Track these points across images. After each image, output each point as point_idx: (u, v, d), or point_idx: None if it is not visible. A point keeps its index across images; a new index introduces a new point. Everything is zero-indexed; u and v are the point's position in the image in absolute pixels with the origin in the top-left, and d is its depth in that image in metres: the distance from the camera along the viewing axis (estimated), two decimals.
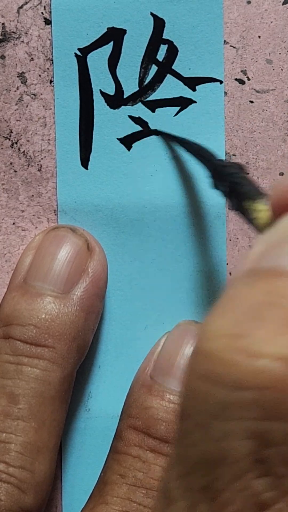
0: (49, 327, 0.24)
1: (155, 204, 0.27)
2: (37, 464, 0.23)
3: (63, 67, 0.27)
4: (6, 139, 0.27)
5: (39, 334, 0.24)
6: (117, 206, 0.27)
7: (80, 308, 0.24)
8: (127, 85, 0.27)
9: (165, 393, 0.24)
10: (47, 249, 0.25)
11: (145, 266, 0.27)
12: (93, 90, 0.27)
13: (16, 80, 0.27)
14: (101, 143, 0.27)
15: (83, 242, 0.25)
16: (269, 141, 0.27)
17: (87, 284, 0.25)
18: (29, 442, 0.23)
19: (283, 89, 0.27)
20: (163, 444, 0.24)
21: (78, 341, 0.24)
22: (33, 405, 0.23)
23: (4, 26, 0.27)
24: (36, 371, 0.23)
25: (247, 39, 0.27)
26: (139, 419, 0.24)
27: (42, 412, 0.23)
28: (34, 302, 0.24)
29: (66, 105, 0.27)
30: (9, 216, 0.27)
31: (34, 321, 0.24)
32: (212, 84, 0.27)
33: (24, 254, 0.25)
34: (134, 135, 0.27)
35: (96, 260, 0.25)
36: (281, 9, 0.27)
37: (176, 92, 0.27)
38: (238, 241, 0.27)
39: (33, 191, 0.27)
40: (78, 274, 0.25)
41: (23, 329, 0.24)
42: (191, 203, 0.27)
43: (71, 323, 0.24)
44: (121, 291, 0.27)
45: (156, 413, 0.24)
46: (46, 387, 0.23)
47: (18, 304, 0.24)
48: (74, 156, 0.27)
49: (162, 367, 0.25)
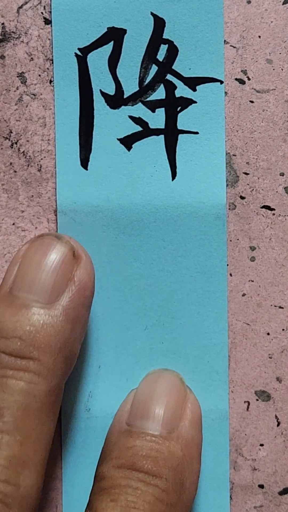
0: (34, 339, 0.23)
1: (155, 204, 0.27)
2: (22, 478, 0.22)
3: (63, 67, 0.27)
4: (6, 139, 0.27)
5: (24, 347, 0.23)
6: (117, 207, 0.27)
7: (66, 318, 0.24)
8: (127, 85, 0.27)
9: (146, 434, 0.24)
10: (32, 258, 0.24)
11: (145, 267, 0.27)
12: (93, 90, 0.27)
13: (16, 80, 0.27)
14: (101, 143, 0.27)
15: (68, 250, 0.25)
16: (270, 141, 0.27)
17: (73, 293, 0.24)
18: (14, 456, 0.22)
19: (283, 89, 0.27)
20: (150, 477, 0.23)
21: (65, 352, 0.24)
22: (18, 418, 0.23)
23: (4, 26, 0.27)
24: (21, 384, 0.23)
25: (247, 39, 0.27)
26: (122, 458, 0.24)
27: (27, 425, 0.23)
28: (19, 313, 0.24)
29: (66, 105, 0.27)
30: (9, 216, 0.27)
31: (19, 333, 0.23)
32: (213, 84, 0.27)
33: (11, 263, 0.25)
34: (134, 135, 0.27)
35: (83, 268, 0.25)
36: (281, 9, 0.27)
37: (177, 92, 0.27)
38: (239, 242, 0.27)
39: (33, 192, 0.27)
40: (63, 283, 0.24)
41: (8, 342, 0.23)
42: (191, 203, 0.27)
43: (57, 334, 0.24)
44: (121, 292, 0.27)
45: (140, 450, 0.24)
46: (32, 400, 0.23)
47: (3, 316, 0.24)
48: (74, 157, 0.27)
49: (138, 413, 0.25)
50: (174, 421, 0.24)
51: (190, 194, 0.27)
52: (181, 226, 0.27)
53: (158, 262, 0.27)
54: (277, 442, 0.27)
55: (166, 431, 0.24)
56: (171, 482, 0.23)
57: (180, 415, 0.25)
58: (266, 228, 0.27)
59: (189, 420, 0.25)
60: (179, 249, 0.27)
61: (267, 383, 0.27)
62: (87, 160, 0.27)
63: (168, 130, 0.27)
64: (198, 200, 0.27)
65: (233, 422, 0.27)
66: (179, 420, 0.25)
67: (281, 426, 0.27)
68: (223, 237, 0.27)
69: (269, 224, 0.27)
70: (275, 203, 0.27)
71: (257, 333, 0.27)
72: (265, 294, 0.27)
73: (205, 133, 0.27)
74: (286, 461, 0.27)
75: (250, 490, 0.27)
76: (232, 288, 0.27)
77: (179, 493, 0.24)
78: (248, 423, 0.27)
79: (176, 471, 0.24)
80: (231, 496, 0.27)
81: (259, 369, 0.27)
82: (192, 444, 0.24)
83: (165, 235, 0.27)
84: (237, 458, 0.27)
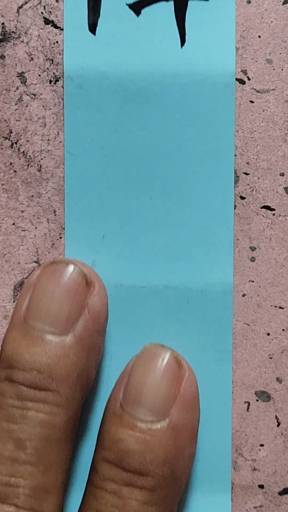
0: (51, 371, 0.24)
1: (163, 72, 0.26)
2: (45, 505, 0.23)
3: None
4: (6, 139, 0.27)
5: (42, 379, 0.24)
6: (125, 74, 0.26)
7: (81, 347, 0.24)
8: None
9: (136, 423, 0.24)
10: (46, 287, 0.25)
11: (151, 136, 0.26)
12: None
13: (16, 80, 0.27)
14: (110, 8, 0.26)
15: (81, 278, 0.25)
16: (270, 141, 0.27)
17: (87, 321, 0.25)
18: (37, 485, 0.23)
19: (283, 89, 0.27)
20: (137, 477, 0.24)
21: (81, 380, 0.24)
22: (39, 449, 0.23)
23: (4, 26, 0.27)
24: (41, 416, 0.24)
25: (247, 39, 0.27)
26: (111, 452, 0.24)
27: (48, 454, 0.24)
28: (35, 344, 0.24)
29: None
30: (9, 216, 0.27)
31: (37, 365, 0.24)
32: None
33: (24, 289, 0.25)
34: (143, 0, 0.26)
35: (96, 296, 0.25)
36: (281, 9, 0.27)
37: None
38: (239, 242, 0.27)
39: (33, 191, 0.27)
40: (77, 312, 0.24)
41: (26, 374, 0.24)
42: (200, 71, 0.26)
43: (73, 364, 0.24)
44: (126, 161, 0.26)
45: (127, 445, 0.24)
46: (52, 431, 0.24)
47: (20, 347, 0.24)
48: (82, 21, 0.26)
49: (131, 395, 0.25)
50: (165, 405, 0.25)
51: (199, 61, 0.26)
52: (189, 94, 0.26)
53: (165, 132, 0.26)
54: (277, 442, 0.27)
55: (156, 417, 0.24)
56: (159, 477, 0.24)
57: (173, 398, 0.25)
58: (266, 228, 0.27)
59: (181, 404, 0.25)
60: (187, 118, 0.26)
61: (267, 384, 0.27)
62: (95, 25, 0.26)
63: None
64: (207, 68, 0.26)
65: (233, 422, 0.27)
66: (171, 404, 0.25)
67: (281, 427, 0.27)
68: (232, 106, 0.27)
69: (269, 224, 0.27)
70: (275, 203, 0.27)
71: (257, 334, 0.27)
72: (265, 295, 0.27)
73: (215, 0, 0.26)
74: (286, 461, 0.27)
75: (250, 490, 0.27)
76: (232, 288, 0.27)
77: (169, 484, 0.24)
78: (248, 424, 0.27)
79: (165, 462, 0.24)
80: (231, 496, 0.27)
81: (259, 369, 0.27)
82: (184, 429, 0.25)
83: (173, 103, 0.26)
84: (237, 458, 0.27)
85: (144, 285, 0.27)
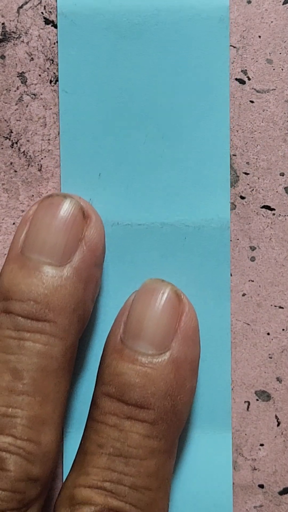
0: (48, 301, 0.24)
1: (157, 6, 0.26)
2: (42, 436, 0.23)
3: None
4: (6, 139, 0.27)
5: (39, 309, 0.24)
6: (118, 9, 0.26)
7: (78, 279, 0.24)
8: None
9: (136, 357, 0.24)
10: (42, 219, 0.25)
11: (145, 73, 0.26)
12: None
13: (16, 80, 0.27)
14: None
15: (78, 210, 0.25)
16: (270, 141, 0.27)
17: (84, 253, 0.25)
18: (35, 416, 0.23)
19: (283, 89, 0.27)
20: (138, 410, 0.24)
21: (79, 312, 0.24)
22: (36, 380, 0.23)
23: (4, 26, 0.27)
24: (38, 346, 0.24)
25: (247, 39, 0.27)
26: (112, 386, 0.24)
27: (45, 385, 0.24)
28: (32, 276, 0.24)
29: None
30: (9, 216, 0.27)
31: (33, 296, 0.24)
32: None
33: (21, 223, 0.25)
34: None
35: (93, 228, 0.25)
36: (281, 9, 0.27)
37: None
38: (239, 242, 0.27)
39: (33, 191, 0.27)
40: (74, 244, 0.25)
41: (23, 305, 0.24)
42: (194, 5, 0.26)
43: (70, 295, 0.24)
44: (120, 100, 0.26)
45: (128, 379, 0.24)
46: (49, 361, 0.24)
47: (16, 278, 0.24)
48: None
49: (132, 330, 0.25)
50: (166, 339, 0.25)
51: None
52: (183, 30, 0.26)
53: (160, 68, 0.26)
54: (277, 442, 0.27)
55: (157, 350, 0.24)
56: (160, 410, 0.24)
57: (174, 332, 0.25)
58: (266, 228, 0.27)
59: (182, 337, 0.25)
60: (181, 54, 0.26)
61: (267, 383, 0.27)
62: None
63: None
64: (201, 2, 0.26)
65: (233, 422, 0.27)
66: (172, 338, 0.25)
67: (281, 426, 0.27)
68: (226, 41, 0.26)
69: (269, 224, 0.27)
70: (275, 203, 0.27)
71: (257, 333, 0.27)
72: (265, 294, 0.27)
73: None
74: (286, 461, 0.27)
75: (250, 490, 0.27)
76: (232, 288, 0.27)
77: (170, 418, 0.24)
78: (248, 423, 0.27)
79: (166, 395, 0.24)
80: (232, 498, 0.27)
81: (259, 369, 0.27)
82: (185, 363, 0.25)
83: (167, 39, 0.26)
84: (237, 458, 0.27)
85: (141, 222, 0.27)
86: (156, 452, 0.24)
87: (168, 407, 0.24)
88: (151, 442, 0.24)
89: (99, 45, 0.26)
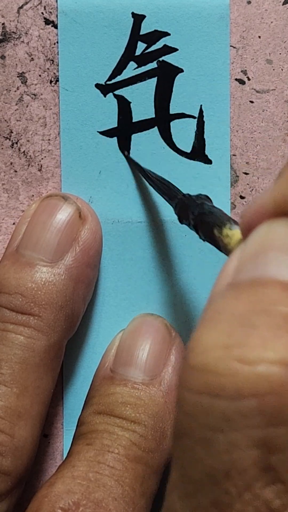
0: (35, 295, 0.24)
1: (157, 5, 0.26)
2: (17, 429, 0.23)
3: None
4: (6, 139, 0.27)
5: (25, 303, 0.24)
6: (119, 7, 0.26)
7: (68, 277, 0.25)
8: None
9: (128, 381, 0.24)
10: (39, 218, 0.25)
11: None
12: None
13: (16, 80, 0.27)
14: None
15: (74, 210, 0.25)
16: (269, 141, 0.27)
17: (77, 253, 0.25)
18: (10, 407, 0.23)
19: (283, 89, 0.27)
20: (129, 423, 0.24)
21: (66, 310, 0.24)
22: (15, 371, 0.23)
23: (4, 26, 0.27)
24: (20, 338, 0.24)
25: (247, 39, 0.27)
26: (102, 405, 0.24)
27: (25, 378, 0.24)
28: (23, 271, 0.24)
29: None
30: (9, 216, 0.27)
31: (21, 289, 0.24)
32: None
33: (19, 223, 0.26)
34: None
35: (88, 229, 0.25)
36: (281, 9, 0.27)
37: None
38: None
39: (33, 191, 0.27)
40: (68, 243, 0.25)
41: (10, 297, 0.24)
42: (194, 3, 0.26)
43: (58, 292, 0.24)
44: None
45: (120, 397, 0.24)
46: (30, 354, 0.24)
47: (7, 273, 0.25)
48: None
49: (122, 359, 0.25)
50: (157, 368, 0.25)
51: None
52: (183, 27, 0.26)
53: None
54: None
55: (148, 377, 0.24)
56: (150, 428, 0.24)
57: (164, 361, 0.25)
58: None
59: (173, 366, 0.25)
60: (180, 52, 0.26)
61: None
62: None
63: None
64: (201, 0, 0.26)
65: None
66: (163, 366, 0.25)
67: None
68: (226, 39, 0.27)
69: None
70: None
71: None
72: None
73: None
74: None
75: None
76: None
77: (159, 440, 0.24)
78: None
79: (157, 418, 0.24)
80: None
81: None
82: (175, 392, 0.25)
83: (167, 37, 0.26)
84: None
85: (141, 220, 0.27)
86: (143, 462, 0.23)
87: (158, 429, 0.24)
88: (140, 452, 0.23)
89: (99, 42, 0.26)
